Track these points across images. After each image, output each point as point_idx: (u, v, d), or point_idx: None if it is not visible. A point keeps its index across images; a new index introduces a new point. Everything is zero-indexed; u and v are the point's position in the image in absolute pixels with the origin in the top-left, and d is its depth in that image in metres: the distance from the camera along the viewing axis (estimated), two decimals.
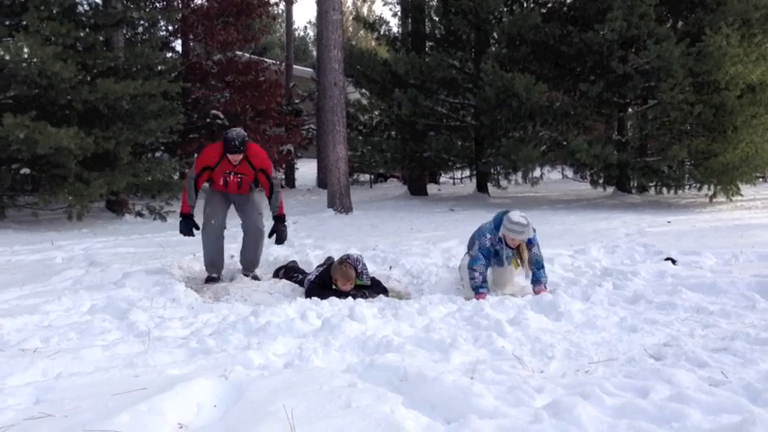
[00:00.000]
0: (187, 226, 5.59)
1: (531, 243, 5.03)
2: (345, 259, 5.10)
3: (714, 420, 2.38)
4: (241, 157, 5.40)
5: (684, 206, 12.31)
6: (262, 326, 3.92)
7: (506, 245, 5.03)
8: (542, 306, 4.40)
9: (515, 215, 4.97)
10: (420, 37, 15.92)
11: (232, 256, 6.42)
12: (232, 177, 5.56)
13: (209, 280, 5.69)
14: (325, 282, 5.10)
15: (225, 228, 5.80)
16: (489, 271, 5.16)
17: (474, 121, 14.71)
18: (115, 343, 3.65)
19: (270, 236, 5.78)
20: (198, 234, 5.67)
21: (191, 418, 2.52)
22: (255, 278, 5.74)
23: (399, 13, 17.61)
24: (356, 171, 18.37)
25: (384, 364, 3.01)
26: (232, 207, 5.91)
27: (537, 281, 5.05)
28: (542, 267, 5.11)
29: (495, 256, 5.10)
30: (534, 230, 5.05)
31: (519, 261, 5.05)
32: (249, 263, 5.87)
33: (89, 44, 10.51)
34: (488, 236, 5.05)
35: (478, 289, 4.88)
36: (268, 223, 5.81)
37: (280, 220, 5.72)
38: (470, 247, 5.20)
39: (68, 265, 6.50)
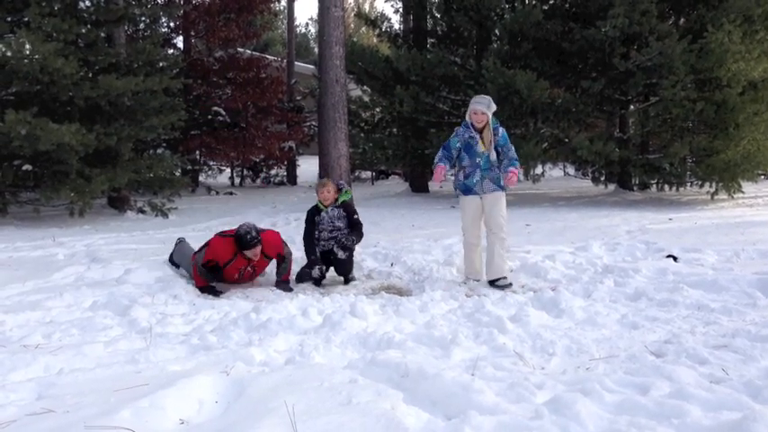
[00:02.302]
0: (209, 292, 5.15)
1: (496, 129, 5.43)
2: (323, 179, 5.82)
3: (714, 417, 2.38)
4: (260, 247, 5.17)
5: (686, 203, 12.29)
6: (263, 322, 3.93)
7: (473, 128, 5.39)
8: (543, 303, 4.42)
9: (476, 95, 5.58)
10: (421, 34, 15.89)
11: None
12: (248, 270, 5.37)
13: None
14: (314, 211, 5.73)
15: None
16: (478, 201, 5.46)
17: None
18: (117, 339, 3.66)
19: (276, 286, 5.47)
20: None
21: (192, 414, 2.53)
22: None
23: (401, 10, 17.56)
24: (357, 168, 18.36)
25: (385, 361, 3.02)
26: None
27: (506, 167, 5.36)
28: (515, 162, 5.42)
29: (467, 149, 5.42)
30: (500, 124, 5.49)
31: (483, 142, 5.36)
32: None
33: (91, 40, 10.50)
34: (457, 129, 5.54)
35: (437, 164, 5.38)
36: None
37: (283, 283, 5.40)
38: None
39: (70, 262, 6.51)
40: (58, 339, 3.69)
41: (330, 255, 5.60)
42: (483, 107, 5.34)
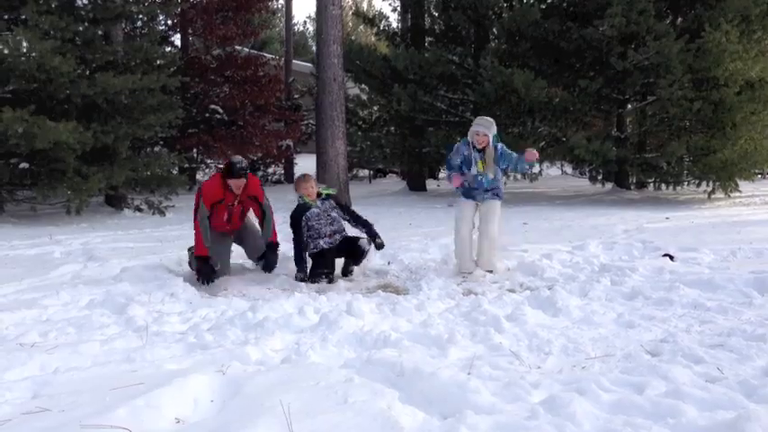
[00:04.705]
0: (206, 269, 5.27)
1: (496, 147, 5.55)
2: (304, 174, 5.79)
3: (710, 416, 2.39)
4: (245, 181, 5.36)
5: (683, 202, 12.31)
6: (259, 321, 3.93)
7: (474, 148, 5.53)
8: (540, 302, 4.42)
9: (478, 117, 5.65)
10: (419, 32, 15.89)
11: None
12: (236, 206, 5.49)
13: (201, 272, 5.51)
14: (299, 210, 5.63)
15: (229, 272, 5.65)
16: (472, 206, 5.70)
17: (473, 117, 14.65)
18: (113, 338, 3.66)
19: (258, 260, 5.73)
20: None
21: (188, 413, 2.53)
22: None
23: (399, 9, 17.58)
24: (355, 166, 18.34)
25: (381, 360, 3.02)
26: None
27: (520, 156, 5.54)
28: (510, 159, 5.60)
29: (467, 164, 5.60)
30: (499, 139, 5.63)
31: (484, 162, 5.51)
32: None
33: (88, 38, 10.47)
34: (457, 146, 5.68)
35: (451, 174, 5.65)
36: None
37: (272, 247, 5.60)
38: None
39: (67, 260, 6.50)
40: (54, 338, 3.69)
41: (341, 251, 5.63)
42: (485, 129, 5.50)
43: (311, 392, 2.59)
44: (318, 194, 5.69)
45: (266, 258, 5.61)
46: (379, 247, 5.67)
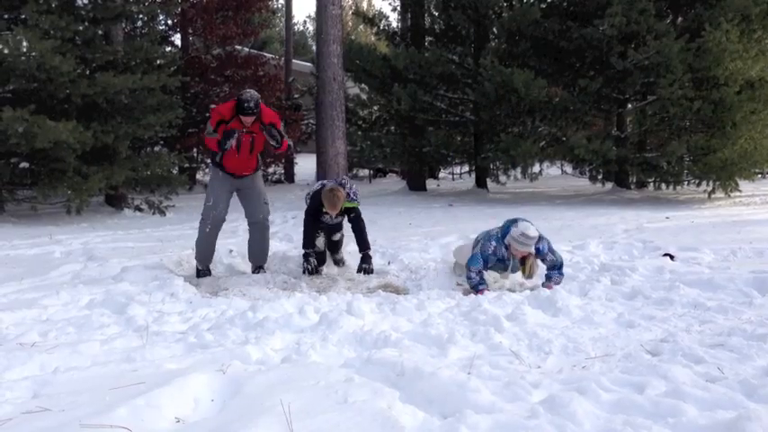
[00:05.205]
0: (228, 136, 5.29)
1: (540, 253, 4.93)
2: (333, 186, 5.58)
3: (710, 416, 2.39)
4: (254, 119, 5.34)
5: (683, 202, 12.31)
6: (260, 321, 3.93)
7: (511, 254, 4.95)
8: (540, 301, 4.42)
9: (525, 225, 4.82)
10: (419, 32, 15.88)
11: (231, 251, 6.43)
12: (244, 136, 5.44)
13: (201, 274, 5.62)
14: (317, 209, 5.62)
15: (225, 220, 5.72)
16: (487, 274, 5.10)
17: (473, 117, 14.70)
18: (113, 337, 3.65)
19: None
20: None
21: (188, 413, 2.53)
22: (261, 270, 5.73)
23: (399, 8, 17.56)
24: (355, 166, 18.33)
25: (381, 360, 3.02)
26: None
27: (548, 278, 5.02)
28: (559, 268, 5.03)
29: (499, 261, 5.04)
30: (547, 240, 4.98)
31: (525, 271, 4.99)
32: (259, 256, 5.79)
33: (88, 38, 10.47)
34: (494, 243, 4.96)
35: (477, 286, 4.85)
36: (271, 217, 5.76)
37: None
38: (474, 246, 5.15)
39: (67, 260, 6.50)
40: (54, 337, 3.68)
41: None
42: (531, 248, 4.84)
43: (311, 392, 2.59)
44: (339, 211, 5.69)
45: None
46: (367, 272, 5.64)
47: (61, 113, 9.86)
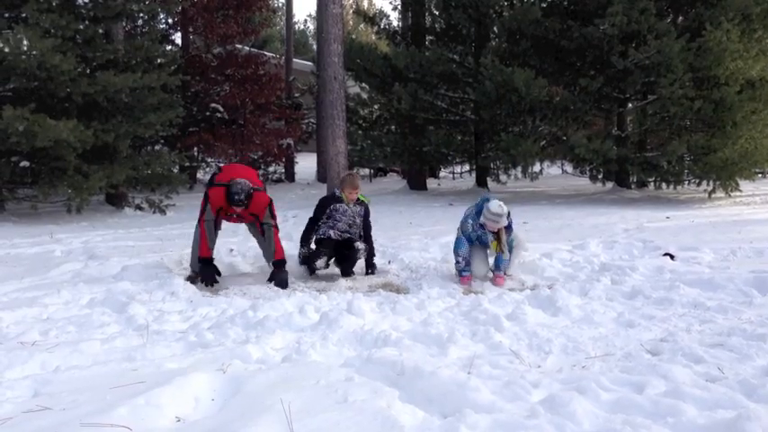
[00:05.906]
0: (209, 270, 5.28)
1: (509, 228, 5.32)
2: (352, 171, 5.59)
3: (709, 416, 2.39)
4: (242, 209, 5.29)
5: (683, 202, 12.31)
6: (260, 320, 3.93)
7: (486, 229, 5.31)
8: (540, 301, 4.42)
9: (494, 205, 5.18)
10: (420, 31, 15.88)
11: (231, 250, 6.43)
12: (234, 218, 5.55)
13: (192, 280, 5.39)
14: (329, 199, 5.72)
15: (221, 228, 5.64)
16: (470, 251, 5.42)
17: (474, 116, 14.70)
18: (114, 336, 3.66)
19: (269, 281, 5.31)
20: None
21: (188, 412, 2.53)
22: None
23: (399, 7, 17.57)
24: (356, 165, 18.30)
25: (381, 359, 3.02)
26: None
27: (497, 266, 5.29)
28: (510, 251, 5.34)
29: (478, 239, 5.39)
30: (509, 213, 5.31)
31: (498, 244, 5.30)
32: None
33: (88, 36, 10.48)
34: (470, 222, 5.36)
35: (462, 272, 5.24)
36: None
37: (279, 265, 5.33)
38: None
39: (67, 259, 6.50)
40: (54, 336, 3.68)
41: (343, 247, 5.65)
42: (502, 223, 5.20)
43: (312, 391, 2.60)
44: (357, 200, 5.76)
45: (276, 278, 5.27)
46: (368, 254, 5.72)
47: (62, 112, 9.87)
